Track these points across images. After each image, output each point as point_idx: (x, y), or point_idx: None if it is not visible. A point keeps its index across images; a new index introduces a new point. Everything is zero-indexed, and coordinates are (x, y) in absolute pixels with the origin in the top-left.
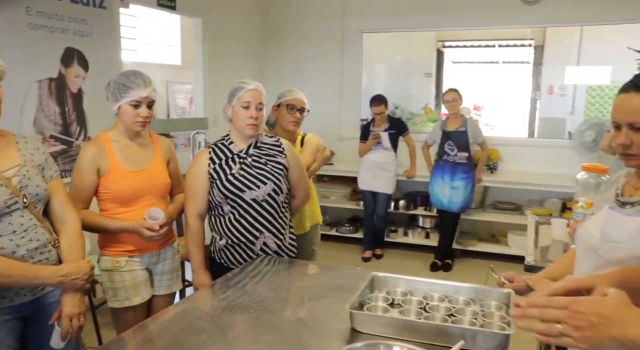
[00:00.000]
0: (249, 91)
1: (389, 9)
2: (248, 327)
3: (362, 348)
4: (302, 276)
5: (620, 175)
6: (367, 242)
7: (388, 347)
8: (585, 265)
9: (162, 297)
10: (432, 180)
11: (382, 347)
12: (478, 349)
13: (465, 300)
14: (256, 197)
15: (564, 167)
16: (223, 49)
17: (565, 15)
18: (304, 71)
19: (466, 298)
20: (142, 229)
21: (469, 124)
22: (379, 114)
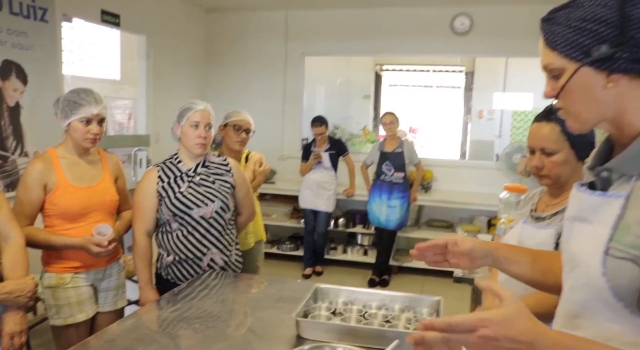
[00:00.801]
0: (198, 111)
1: (330, 34)
2: (199, 337)
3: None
4: (248, 289)
5: (535, 193)
6: (307, 260)
7: (332, 348)
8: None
9: (107, 314)
10: (370, 199)
11: (327, 348)
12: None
13: (400, 308)
14: (204, 215)
15: (492, 187)
16: (166, 67)
17: (490, 47)
18: (247, 91)
19: (401, 306)
20: (90, 245)
21: (405, 145)
22: (319, 134)
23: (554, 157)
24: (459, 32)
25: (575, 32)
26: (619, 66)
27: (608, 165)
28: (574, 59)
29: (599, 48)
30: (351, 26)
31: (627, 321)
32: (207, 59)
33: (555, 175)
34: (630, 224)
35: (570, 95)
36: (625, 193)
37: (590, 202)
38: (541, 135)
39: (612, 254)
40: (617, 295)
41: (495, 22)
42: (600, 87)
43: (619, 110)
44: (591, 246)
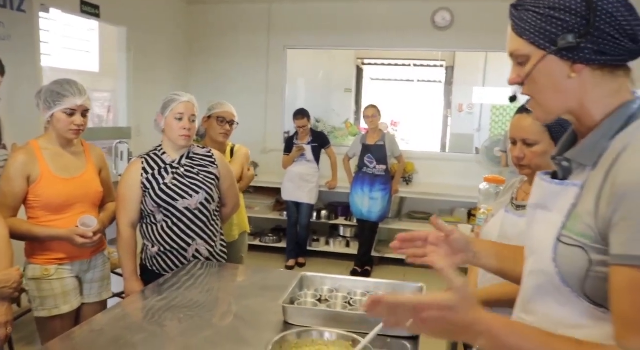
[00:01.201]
0: (182, 103)
1: (313, 27)
2: (187, 325)
3: (296, 334)
4: (234, 278)
5: (515, 182)
6: (290, 251)
7: (319, 333)
8: None
9: (92, 305)
10: (353, 191)
11: (314, 333)
12: (394, 335)
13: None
14: (189, 206)
15: (471, 180)
16: (147, 59)
17: (470, 42)
18: (229, 84)
19: (385, 293)
20: (75, 236)
21: (387, 138)
22: (301, 127)
23: (535, 148)
24: (440, 27)
25: (543, 20)
26: (583, 57)
27: (567, 155)
28: (540, 47)
29: (565, 37)
30: (333, 20)
31: (574, 304)
32: (189, 52)
33: (536, 165)
34: (581, 214)
35: (535, 83)
36: (581, 182)
37: (549, 190)
38: (523, 127)
39: (563, 241)
40: (564, 280)
41: (475, 17)
42: (564, 77)
43: (580, 101)
44: (546, 233)
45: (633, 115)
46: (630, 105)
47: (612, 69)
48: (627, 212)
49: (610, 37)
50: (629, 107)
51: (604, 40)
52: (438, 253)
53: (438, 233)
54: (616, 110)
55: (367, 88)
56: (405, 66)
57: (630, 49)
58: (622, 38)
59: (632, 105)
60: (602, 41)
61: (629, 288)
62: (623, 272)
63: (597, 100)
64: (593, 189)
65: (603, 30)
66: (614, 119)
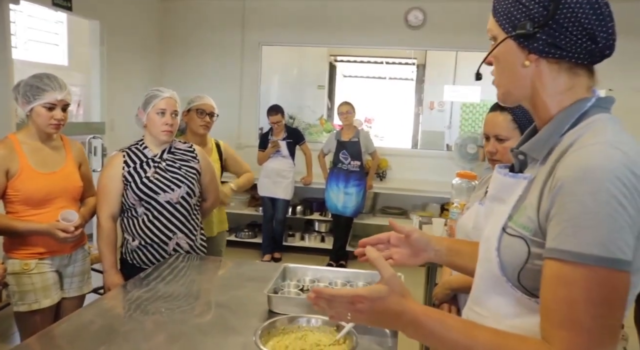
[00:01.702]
0: (164, 99)
1: (287, 24)
2: (174, 314)
3: (284, 320)
4: (216, 270)
5: (489, 177)
6: (265, 247)
7: (307, 319)
8: None
9: (72, 299)
10: (328, 187)
11: (301, 319)
12: None
13: (364, 284)
14: (170, 200)
15: (443, 176)
16: (120, 54)
17: (442, 41)
18: (203, 80)
19: (364, 282)
20: (56, 231)
21: (361, 135)
22: (276, 122)
23: (506, 143)
24: (413, 26)
25: (513, 4)
26: (537, 47)
27: (522, 149)
28: (504, 30)
29: (524, 24)
30: (308, 17)
31: (510, 294)
32: (163, 47)
33: (508, 160)
34: (527, 206)
35: (497, 63)
36: (531, 176)
37: (504, 182)
38: (495, 124)
39: (507, 231)
40: (502, 269)
41: (447, 17)
42: (519, 63)
43: (536, 91)
44: (496, 223)
45: (586, 112)
46: (585, 103)
47: (572, 66)
48: (560, 205)
49: (568, 32)
50: (583, 104)
51: (560, 34)
52: (401, 253)
53: (398, 234)
54: (570, 106)
55: (340, 85)
56: (378, 64)
57: (589, 50)
58: (580, 36)
59: (586, 103)
60: (559, 35)
61: (554, 281)
62: (551, 265)
63: (552, 94)
64: (539, 183)
65: (561, 24)
66: (567, 115)
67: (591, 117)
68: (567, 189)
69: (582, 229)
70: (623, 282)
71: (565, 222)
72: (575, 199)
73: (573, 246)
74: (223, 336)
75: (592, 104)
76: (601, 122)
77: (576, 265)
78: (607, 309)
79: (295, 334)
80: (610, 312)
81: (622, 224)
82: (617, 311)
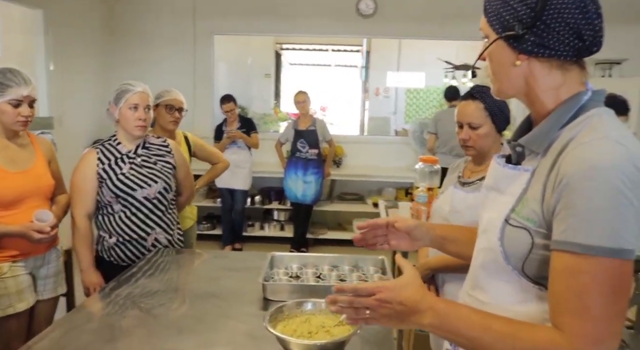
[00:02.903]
0: (137, 93)
1: (239, 13)
2: (169, 307)
3: (292, 305)
4: (200, 263)
5: (460, 163)
6: (226, 238)
7: (312, 304)
8: None
9: (47, 301)
10: (286, 176)
11: (307, 304)
12: None
13: (350, 268)
14: (147, 195)
15: (396, 160)
16: (66, 45)
17: (393, 30)
18: (155, 70)
19: (350, 266)
20: (32, 232)
21: (317, 123)
22: (229, 111)
23: (479, 131)
24: (365, 14)
25: (502, 6)
26: (526, 48)
27: (520, 141)
28: (495, 31)
29: (512, 26)
30: (260, 6)
31: (515, 282)
32: (112, 37)
33: (480, 146)
34: (529, 199)
35: (490, 62)
36: (532, 168)
37: (503, 173)
38: (468, 112)
39: (510, 223)
40: (507, 258)
41: (398, 6)
42: (510, 63)
43: (531, 88)
44: (497, 214)
45: (583, 106)
46: (581, 97)
47: (562, 63)
48: (568, 201)
49: (555, 32)
50: (580, 99)
51: (548, 34)
52: (398, 239)
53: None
54: (567, 100)
55: (286, 73)
56: (323, 51)
57: (577, 47)
58: (567, 35)
59: (583, 97)
60: (547, 36)
61: (565, 272)
62: (561, 257)
63: (546, 89)
64: (541, 176)
65: (548, 24)
66: (565, 109)
67: (589, 111)
68: (574, 185)
69: (591, 223)
70: (629, 270)
71: (573, 217)
72: (582, 194)
73: (582, 239)
74: (225, 324)
75: (588, 98)
76: (599, 117)
77: (586, 257)
78: (615, 296)
79: (299, 318)
80: (617, 299)
81: (628, 217)
82: (624, 298)
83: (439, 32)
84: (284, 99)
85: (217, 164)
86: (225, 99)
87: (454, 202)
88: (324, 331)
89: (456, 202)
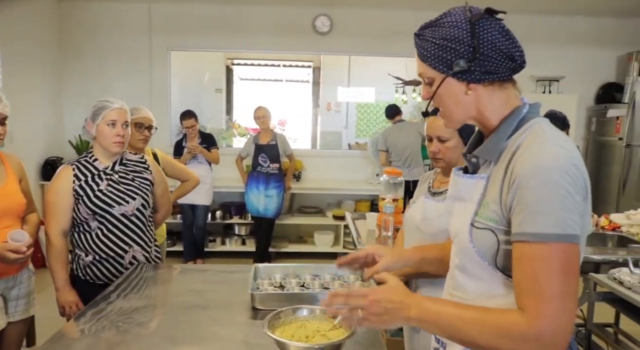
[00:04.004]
0: (115, 110)
1: (195, 29)
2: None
3: (288, 311)
4: (181, 277)
5: (430, 174)
6: (187, 254)
7: (307, 310)
8: (412, 239)
9: (17, 323)
10: (248, 190)
11: (303, 310)
12: None
13: (331, 276)
14: (125, 212)
15: (353, 174)
16: (14, 61)
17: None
18: (109, 87)
19: (331, 274)
20: (6, 253)
21: (278, 138)
22: (190, 127)
23: (447, 143)
24: (320, 32)
25: (440, 49)
26: (475, 77)
27: (475, 153)
28: (440, 71)
29: (458, 63)
30: (218, 22)
31: (491, 277)
32: (64, 53)
33: (448, 158)
34: (489, 202)
35: (440, 99)
36: (486, 175)
37: (462, 183)
38: (437, 126)
39: (475, 225)
40: (481, 256)
41: (353, 23)
42: (462, 93)
43: (479, 110)
44: (463, 220)
45: (523, 118)
46: (521, 110)
47: (501, 83)
48: (520, 198)
49: (494, 59)
50: (520, 112)
51: (488, 62)
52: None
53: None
54: (509, 115)
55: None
56: (275, 67)
57: (512, 67)
58: (502, 59)
59: (522, 110)
60: (488, 63)
61: (523, 259)
62: (518, 247)
63: (492, 109)
64: (496, 181)
65: (487, 54)
66: (508, 123)
67: (528, 122)
68: (524, 184)
69: (539, 214)
70: (575, 252)
71: (525, 211)
72: (531, 191)
73: (533, 228)
74: (219, 334)
75: (527, 111)
76: (538, 125)
77: (539, 244)
78: (565, 277)
79: (295, 324)
80: (568, 279)
81: (570, 207)
82: (573, 278)
83: (391, 49)
84: (236, 114)
85: (187, 181)
86: (185, 114)
87: (426, 211)
88: (320, 335)
89: (428, 211)
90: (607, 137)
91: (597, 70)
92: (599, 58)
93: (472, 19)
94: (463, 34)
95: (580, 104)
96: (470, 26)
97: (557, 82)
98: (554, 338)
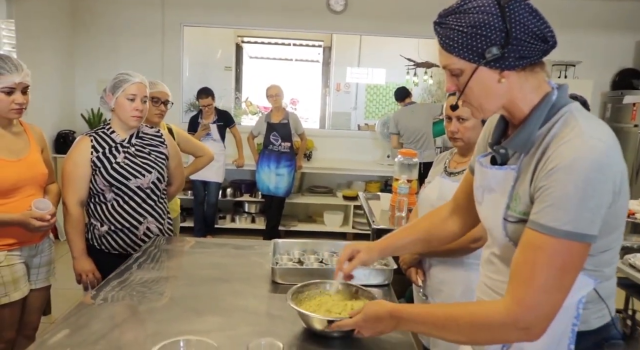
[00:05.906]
0: (135, 84)
1: (209, 4)
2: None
3: (313, 285)
4: (200, 250)
5: (445, 155)
6: (198, 230)
7: (330, 284)
8: None
9: (39, 290)
10: (259, 168)
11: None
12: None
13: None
14: (141, 185)
15: (362, 155)
16: (29, 36)
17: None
18: (121, 62)
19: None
20: (31, 220)
21: (290, 116)
22: (206, 105)
23: (466, 123)
24: (335, 11)
25: (468, 37)
26: (509, 64)
27: (505, 145)
28: (471, 61)
29: (490, 50)
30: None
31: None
32: (78, 29)
33: (467, 138)
34: (520, 194)
35: (472, 91)
36: (517, 166)
37: (491, 174)
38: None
39: (508, 220)
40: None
41: (366, 3)
42: (495, 83)
43: (511, 99)
44: (495, 212)
45: (554, 105)
46: (550, 97)
47: (532, 67)
48: (547, 188)
49: (527, 43)
50: (549, 99)
51: (522, 46)
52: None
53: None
54: (540, 103)
55: (246, 66)
56: (285, 45)
57: (545, 49)
58: (535, 41)
59: (552, 97)
60: (522, 48)
61: (528, 246)
62: (528, 233)
63: (523, 96)
64: (527, 172)
65: (520, 38)
66: (539, 112)
67: (560, 111)
68: (554, 176)
69: (560, 209)
70: (582, 251)
71: (546, 202)
72: (559, 185)
73: (548, 221)
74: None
75: (556, 97)
76: (570, 113)
77: (547, 236)
78: (562, 273)
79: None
80: (564, 275)
81: (592, 207)
82: (572, 274)
83: (406, 30)
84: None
85: (201, 157)
86: (203, 92)
87: (442, 190)
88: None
89: (444, 190)
90: (622, 123)
91: (614, 55)
92: (617, 43)
93: (501, 1)
94: (493, 19)
95: (596, 89)
96: (500, 10)
97: (573, 67)
98: (531, 324)
